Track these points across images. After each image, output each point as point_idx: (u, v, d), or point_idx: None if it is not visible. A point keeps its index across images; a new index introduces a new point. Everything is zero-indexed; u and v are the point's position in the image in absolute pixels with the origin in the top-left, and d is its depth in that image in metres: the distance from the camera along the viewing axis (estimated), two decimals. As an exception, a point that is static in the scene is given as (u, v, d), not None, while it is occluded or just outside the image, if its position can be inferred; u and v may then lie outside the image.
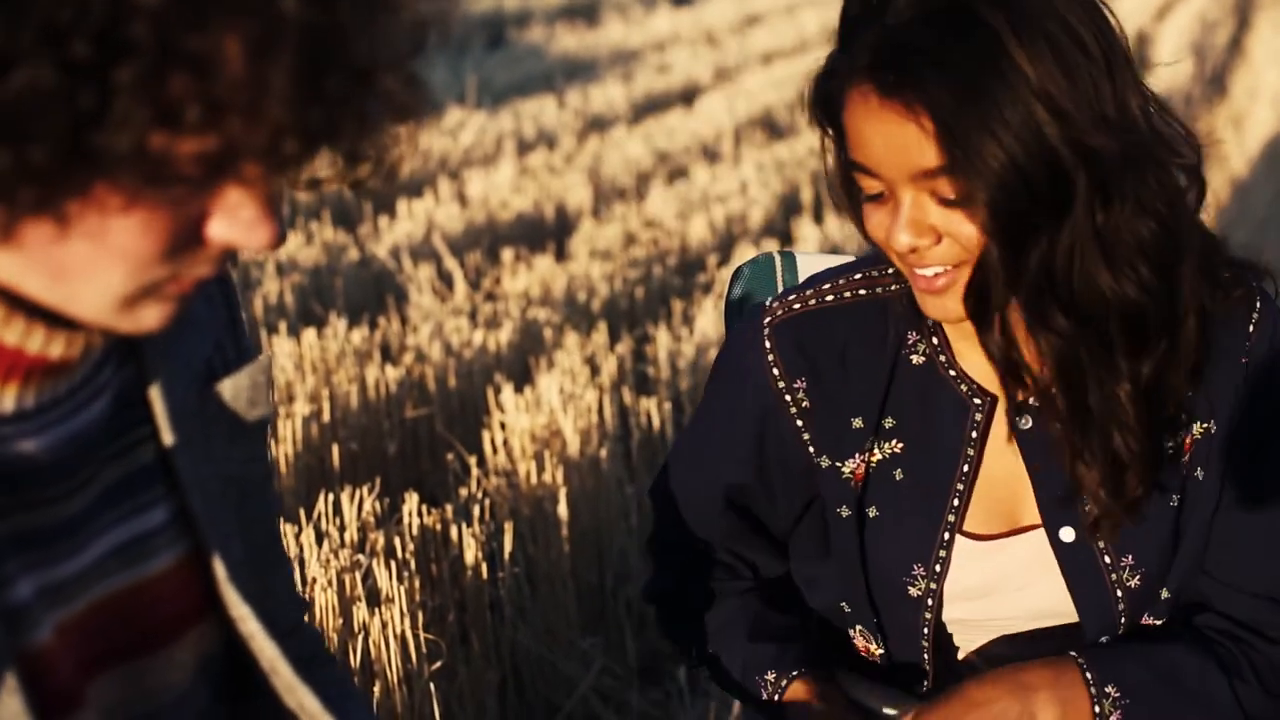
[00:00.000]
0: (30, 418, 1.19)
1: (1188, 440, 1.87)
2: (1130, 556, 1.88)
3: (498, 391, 4.70)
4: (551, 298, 6.08)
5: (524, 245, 7.20)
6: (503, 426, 4.43)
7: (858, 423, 1.92)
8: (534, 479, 4.13)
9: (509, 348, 5.36)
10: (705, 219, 7.33)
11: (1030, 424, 1.89)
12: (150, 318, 1.16)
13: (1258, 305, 1.87)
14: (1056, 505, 1.89)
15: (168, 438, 1.31)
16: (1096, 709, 1.81)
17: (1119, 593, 1.89)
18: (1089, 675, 1.83)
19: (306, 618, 1.68)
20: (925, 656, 1.96)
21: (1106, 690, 1.82)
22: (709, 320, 5.52)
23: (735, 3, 17.10)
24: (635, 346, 5.61)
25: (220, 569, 1.33)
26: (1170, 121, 1.78)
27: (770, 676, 1.97)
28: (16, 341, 1.16)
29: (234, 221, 1.13)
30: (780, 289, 2.25)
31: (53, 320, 1.16)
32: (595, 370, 5.04)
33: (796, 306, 1.94)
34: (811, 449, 1.94)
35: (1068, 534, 1.89)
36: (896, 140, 1.70)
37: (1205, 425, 1.87)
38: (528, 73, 12.86)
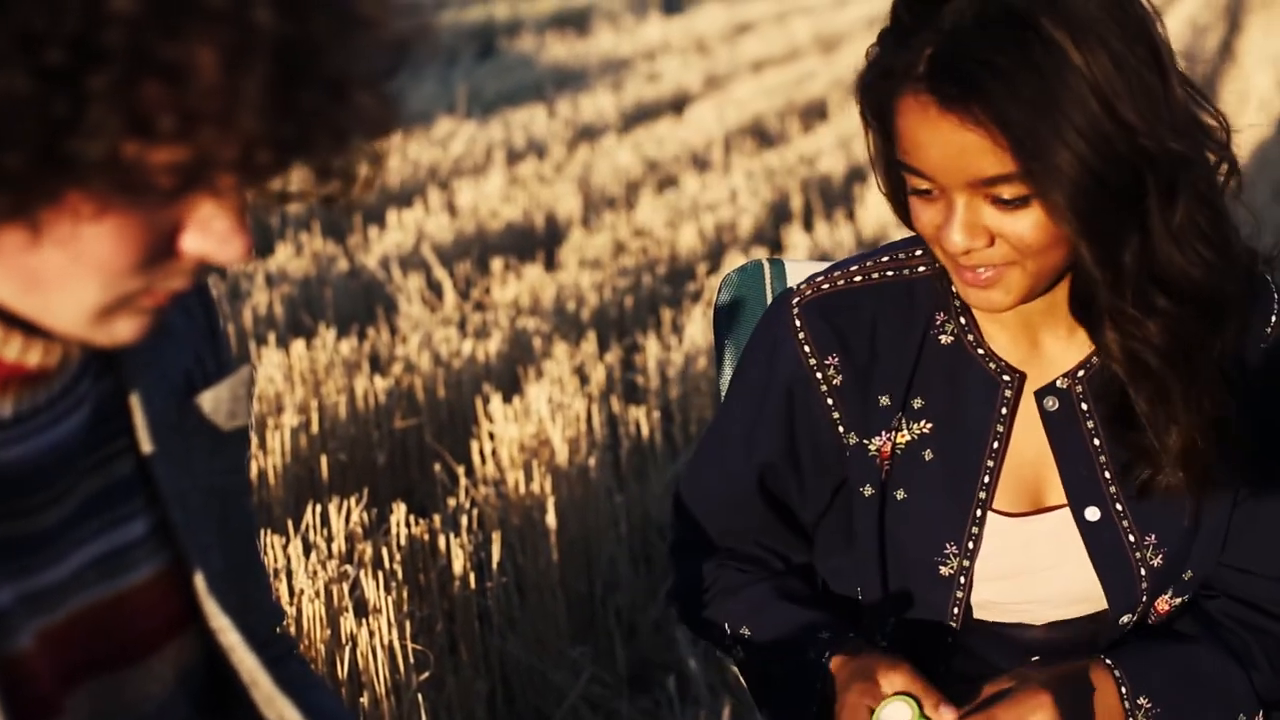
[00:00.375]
0: (9, 427, 1.19)
1: None
2: (1154, 535, 1.92)
3: (486, 401, 4.70)
4: (541, 307, 6.08)
5: (513, 255, 7.20)
6: (491, 436, 4.43)
7: (885, 400, 1.96)
8: (522, 488, 4.12)
9: (498, 357, 5.36)
10: (695, 228, 7.33)
11: (1056, 405, 1.93)
12: (124, 330, 1.16)
13: (1276, 295, 1.95)
14: (1082, 484, 1.93)
15: (147, 449, 1.31)
16: None
17: (1142, 571, 1.92)
18: (1123, 690, 1.88)
19: (290, 628, 1.68)
20: (950, 640, 1.98)
21: (1140, 703, 1.87)
22: (698, 329, 5.52)
23: (726, 11, 17.13)
24: (624, 355, 5.61)
25: (200, 581, 1.33)
26: (1204, 103, 1.84)
27: (824, 635, 1.97)
28: None
29: (207, 234, 1.14)
30: (769, 297, 2.26)
31: (30, 329, 1.16)
32: (584, 379, 5.04)
33: (825, 286, 1.98)
34: (840, 427, 1.97)
35: (1093, 513, 1.93)
36: (955, 149, 1.72)
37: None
38: (518, 82, 12.86)
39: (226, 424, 1.39)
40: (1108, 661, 1.90)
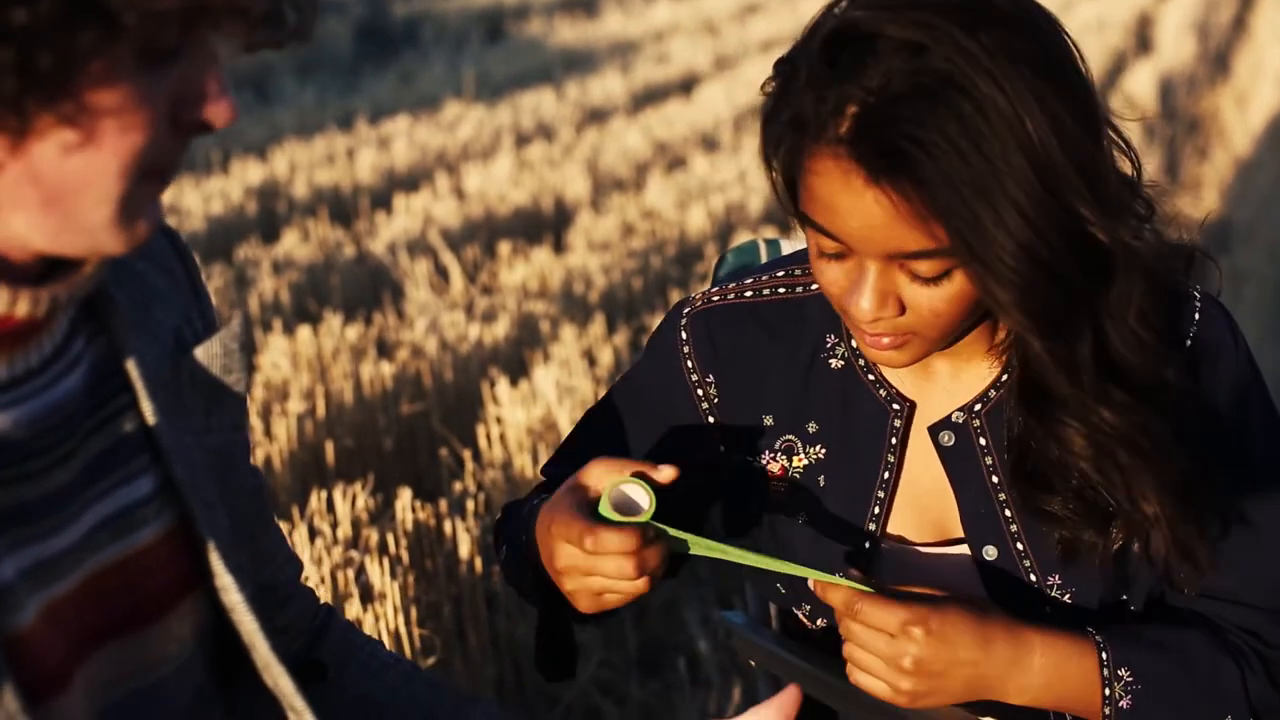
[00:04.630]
0: (5, 389, 1.18)
1: None
2: (1056, 576, 1.83)
3: (493, 385, 4.68)
4: (549, 290, 6.07)
5: (521, 238, 7.19)
6: (498, 420, 4.41)
7: (769, 420, 1.88)
8: (530, 472, 4.11)
9: (505, 341, 5.34)
10: (704, 208, 7.31)
11: (953, 440, 1.83)
12: (143, 227, 1.19)
13: (1197, 303, 1.82)
14: (980, 521, 1.83)
15: (147, 407, 1.32)
16: (1107, 691, 1.76)
17: (1048, 609, 1.83)
18: (1104, 655, 1.77)
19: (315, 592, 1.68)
20: None
21: (1120, 673, 1.77)
22: (707, 309, 5.49)
23: (734, -8, 17.11)
24: (633, 338, 5.58)
25: (206, 538, 1.33)
26: (1124, 145, 1.71)
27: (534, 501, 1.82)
28: None
29: (202, 100, 1.18)
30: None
31: (16, 279, 1.16)
32: (592, 362, 5.02)
33: (715, 299, 1.90)
34: (722, 445, 1.91)
35: (990, 552, 1.83)
36: (878, 221, 1.59)
37: None
38: (526, 65, 12.86)
39: (224, 377, 1.39)
40: (1091, 630, 1.79)
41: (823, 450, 1.88)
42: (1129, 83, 10.53)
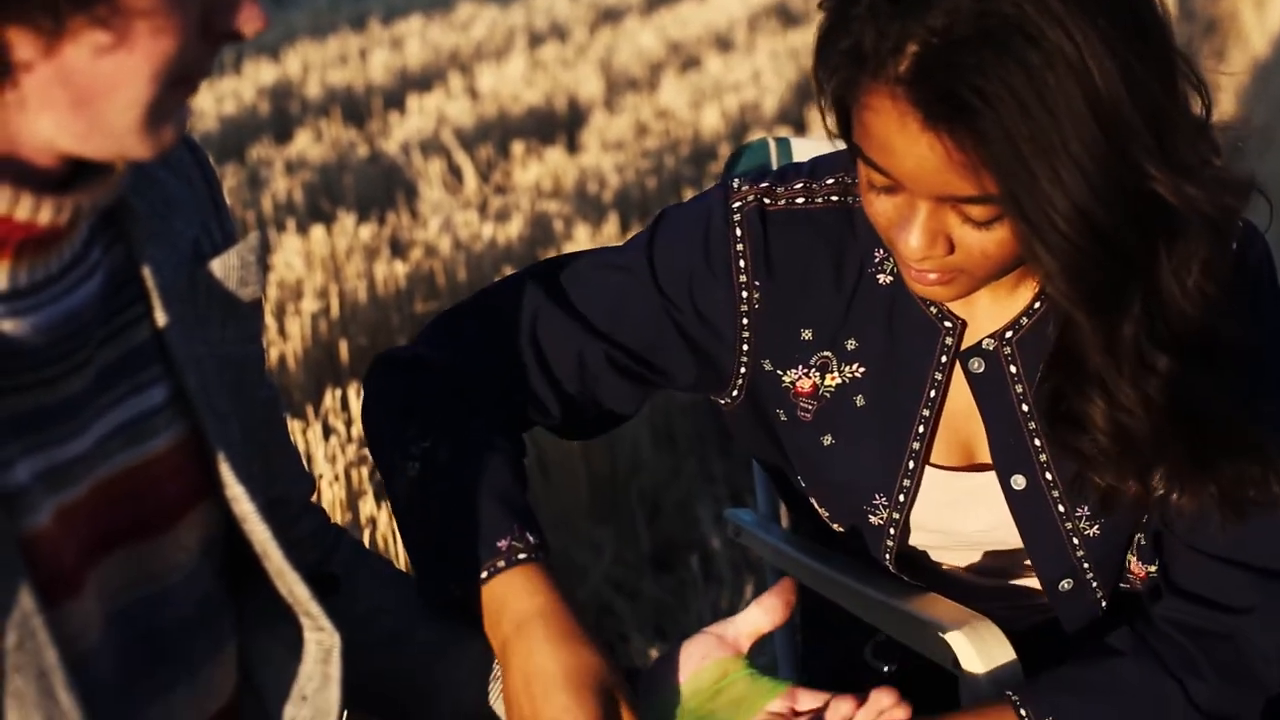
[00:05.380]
0: (24, 296, 1.19)
1: None
2: (1085, 508, 1.79)
3: (507, 284, 4.67)
4: (562, 190, 6.06)
5: (535, 138, 7.17)
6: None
7: (807, 334, 1.81)
8: (543, 370, 4.10)
9: (519, 240, 5.34)
10: (718, 108, 7.29)
11: (982, 367, 1.79)
12: (169, 133, 1.18)
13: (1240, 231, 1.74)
14: (1009, 451, 1.80)
15: (160, 317, 1.31)
16: None
17: (1075, 540, 1.81)
18: (1023, 712, 1.72)
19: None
20: (887, 566, 1.89)
21: None
22: (720, 209, 5.49)
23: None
24: (646, 237, 5.57)
25: (216, 448, 1.34)
26: (1196, 82, 1.60)
27: (503, 544, 1.63)
28: (4, 210, 1.15)
29: (232, 8, 1.17)
30: (773, 173, 2.18)
31: (39, 186, 1.16)
32: (606, 261, 5.01)
33: (767, 201, 1.81)
34: (745, 345, 1.83)
35: (1019, 481, 1.80)
36: (931, 165, 1.53)
37: None
38: (539, -35, 12.78)
39: (240, 290, 1.39)
40: (1009, 693, 1.74)
41: (861, 369, 1.81)
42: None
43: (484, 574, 1.60)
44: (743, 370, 1.85)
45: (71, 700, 1.16)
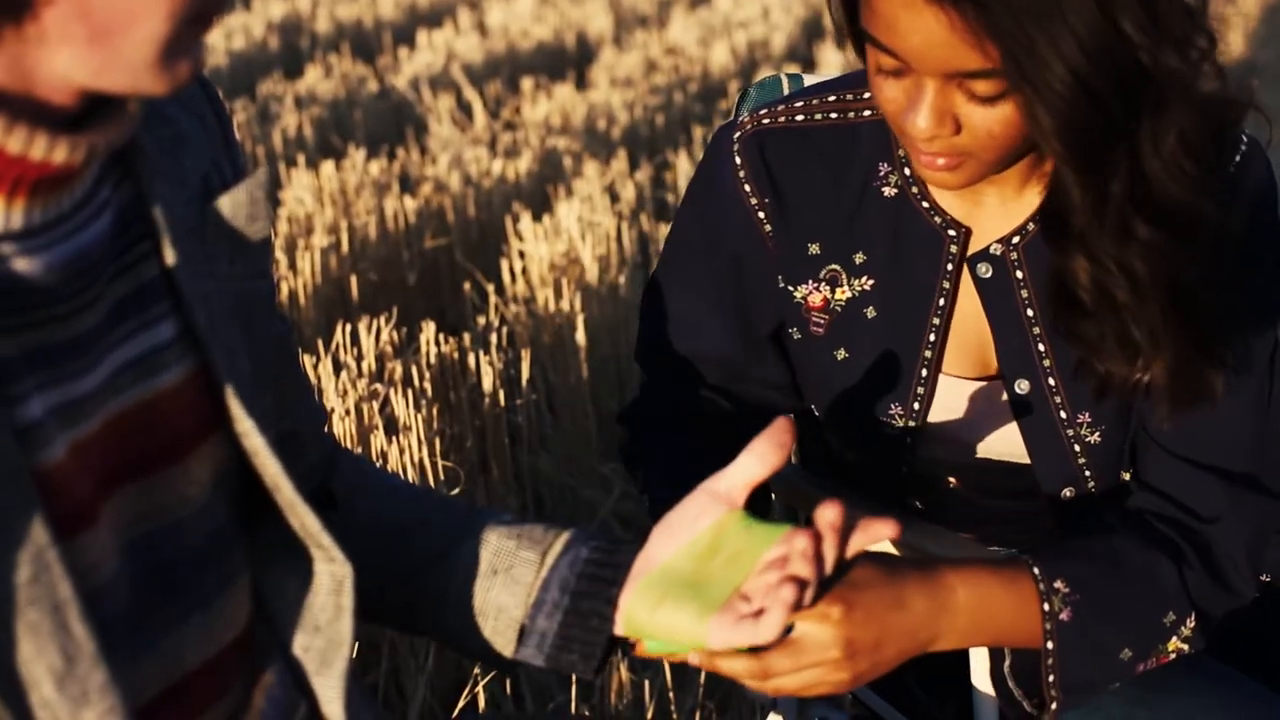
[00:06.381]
0: (37, 234, 1.20)
1: None
2: (1087, 414, 1.83)
3: (516, 220, 4.68)
4: (571, 126, 6.04)
5: (544, 74, 7.15)
6: (521, 255, 4.41)
7: (814, 248, 1.85)
8: (552, 306, 4.12)
9: (528, 177, 5.34)
10: (727, 45, 7.26)
11: (990, 272, 1.82)
12: (184, 69, 1.19)
13: (1244, 144, 1.80)
14: (1014, 356, 1.83)
15: (169, 253, 1.32)
16: (1046, 606, 1.71)
17: (1077, 448, 1.84)
18: (1036, 570, 1.72)
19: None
20: (903, 478, 1.92)
21: (1056, 585, 1.72)
22: (730, 146, 5.47)
23: None
24: (655, 174, 5.57)
25: (225, 383, 1.34)
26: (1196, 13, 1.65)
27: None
28: (19, 150, 1.16)
29: None
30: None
31: (54, 125, 1.17)
32: (615, 198, 5.02)
33: (765, 122, 1.86)
34: (769, 266, 1.88)
35: (1023, 386, 1.83)
36: (938, 40, 1.57)
37: None
38: (549, -100, 12.70)
39: (248, 229, 1.40)
40: (1020, 554, 1.75)
41: (870, 282, 1.85)
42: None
43: None
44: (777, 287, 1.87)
45: (86, 632, 1.17)
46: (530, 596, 1.54)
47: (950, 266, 1.83)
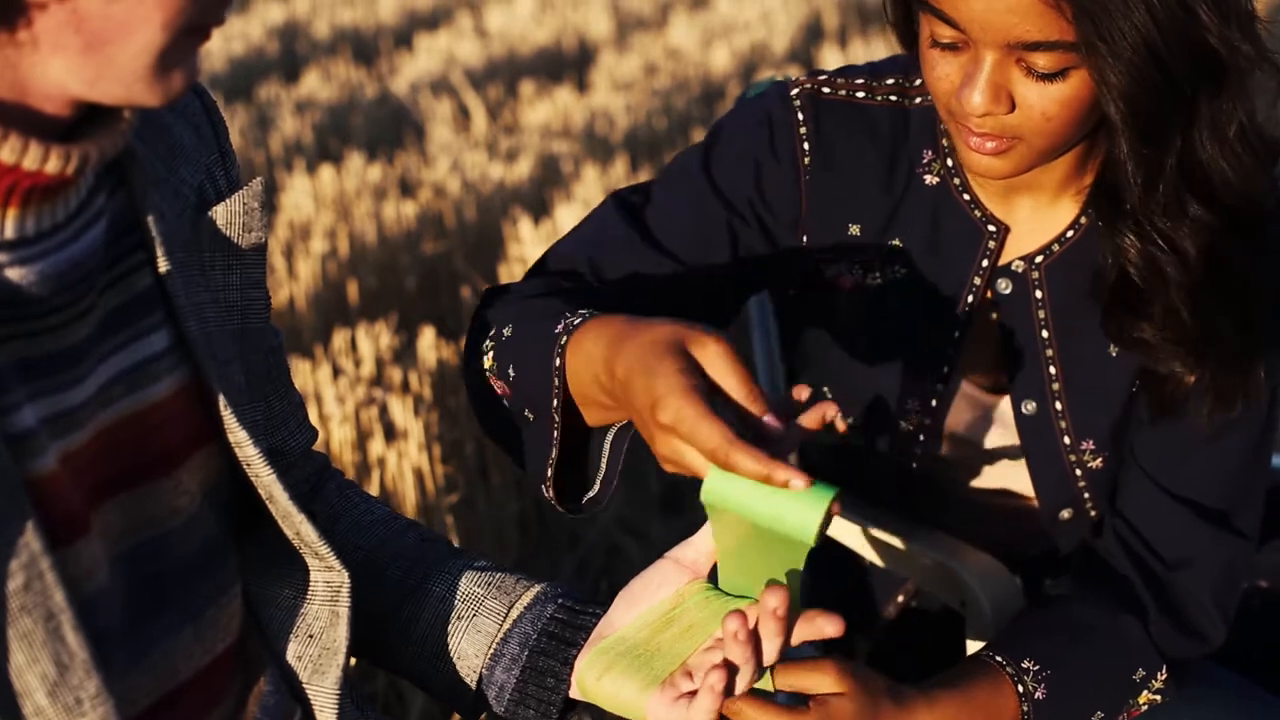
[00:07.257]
0: (30, 244, 1.20)
1: None
2: (1091, 441, 1.81)
3: (515, 224, 4.68)
4: (571, 130, 6.04)
5: (544, 77, 7.15)
6: (521, 259, 4.41)
7: (855, 229, 1.81)
8: (552, 311, 4.10)
9: (528, 181, 5.34)
10: (727, 48, 7.26)
11: (1010, 289, 1.80)
12: (179, 80, 1.19)
13: None
14: (1024, 375, 1.81)
15: (162, 264, 1.32)
16: (1020, 688, 1.71)
17: (1078, 472, 1.82)
18: (999, 659, 1.72)
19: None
20: (911, 474, 1.90)
21: (1024, 666, 1.71)
22: (730, 149, 5.47)
23: None
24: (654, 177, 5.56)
25: (218, 393, 1.34)
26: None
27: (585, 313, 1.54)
28: (12, 159, 1.15)
29: None
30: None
31: (46, 135, 1.16)
32: (614, 201, 5.00)
33: (825, 90, 1.81)
34: (806, 237, 1.82)
35: (1030, 406, 1.81)
36: (1003, 5, 1.53)
37: None
38: (548, -97, 12.71)
39: (242, 238, 1.39)
40: (985, 652, 1.74)
41: (903, 269, 1.81)
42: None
43: (555, 362, 1.51)
44: (802, 256, 1.83)
45: (80, 640, 1.17)
46: (490, 648, 1.54)
47: (985, 263, 1.79)
